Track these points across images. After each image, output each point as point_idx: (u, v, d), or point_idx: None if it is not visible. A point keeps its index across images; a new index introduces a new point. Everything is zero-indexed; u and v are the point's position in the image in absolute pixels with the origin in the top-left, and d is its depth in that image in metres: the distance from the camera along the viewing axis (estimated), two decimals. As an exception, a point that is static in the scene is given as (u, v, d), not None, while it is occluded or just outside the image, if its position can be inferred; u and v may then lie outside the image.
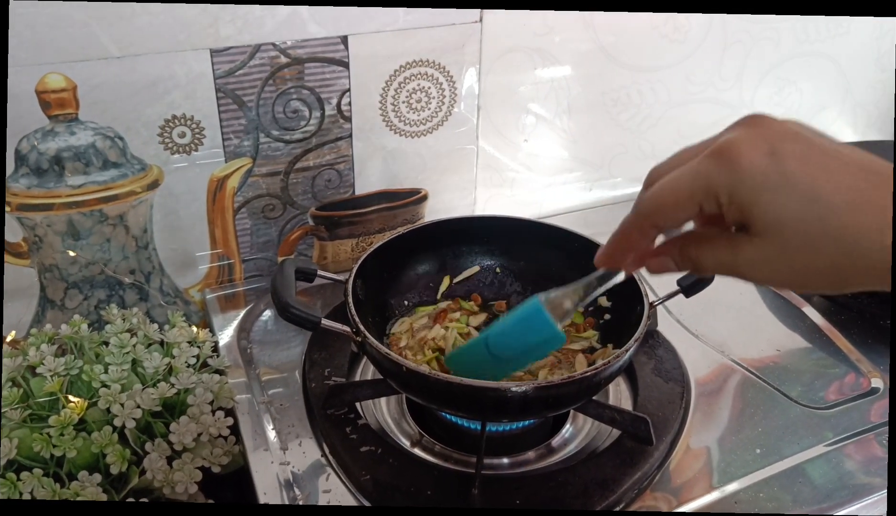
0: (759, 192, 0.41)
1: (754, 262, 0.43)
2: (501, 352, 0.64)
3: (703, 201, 0.43)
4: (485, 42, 0.94)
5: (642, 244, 0.49)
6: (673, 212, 0.45)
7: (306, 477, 0.70)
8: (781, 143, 0.41)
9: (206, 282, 0.96)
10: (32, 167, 0.79)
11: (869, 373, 0.84)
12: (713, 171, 0.42)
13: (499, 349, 0.64)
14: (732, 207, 0.42)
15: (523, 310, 0.62)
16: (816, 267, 0.42)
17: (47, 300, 0.88)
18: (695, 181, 0.43)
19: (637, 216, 0.47)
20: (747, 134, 0.42)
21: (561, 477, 0.68)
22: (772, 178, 0.41)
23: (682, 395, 0.78)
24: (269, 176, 0.92)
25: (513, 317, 0.63)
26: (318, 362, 0.81)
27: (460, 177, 1.04)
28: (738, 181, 0.42)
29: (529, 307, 0.61)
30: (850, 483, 0.71)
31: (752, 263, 0.44)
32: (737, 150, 0.42)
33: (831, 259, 0.41)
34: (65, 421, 0.66)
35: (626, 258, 0.51)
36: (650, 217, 0.47)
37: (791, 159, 0.41)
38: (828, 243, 0.40)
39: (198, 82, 0.82)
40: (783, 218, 0.41)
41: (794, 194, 0.40)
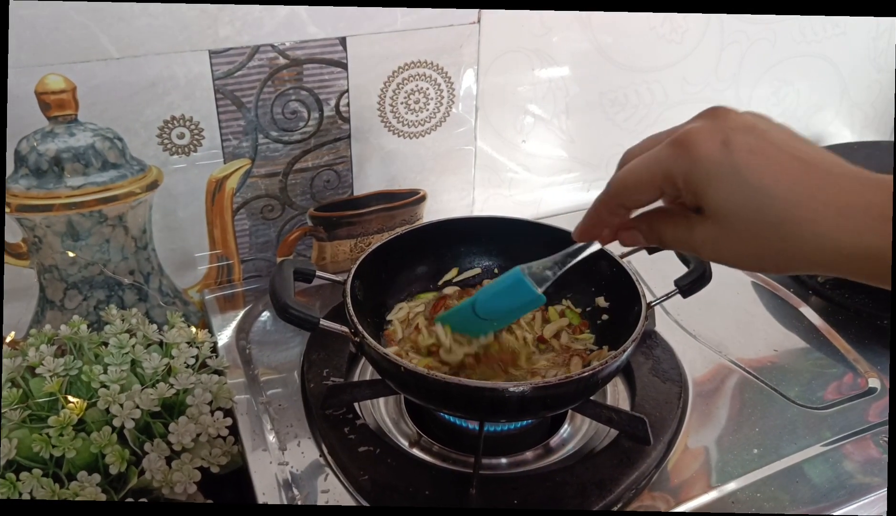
0: (710, 180, 0.45)
1: (705, 241, 0.48)
2: (487, 314, 0.70)
3: (661, 185, 0.48)
4: (483, 43, 0.95)
5: (613, 221, 0.54)
6: (636, 194, 0.50)
7: (305, 478, 0.70)
8: (735, 135, 0.45)
9: (205, 283, 0.97)
10: (32, 168, 0.79)
11: (866, 372, 0.84)
12: (671, 159, 0.47)
13: (485, 312, 0.70)
14: (688, 192, 0.47)
15: (506, 280, 0.67)
16: (759, 251, 0.46)
17: (47, 300, 0.88)
18: (655, 167, 0.48)
19: (606, 196, 0.52)
20: (706, 125, 0.46)
21: (559, 477, 0.68)
22: (722, 168, 0.45)
23: (679, 395, 0.78)
24: (268, 177, 0.92)
25: (497, 285, 0.69)
26: (317, 362, 0.82)
27: (458, 178, 1.05)
28: (692, 169, 0.46)
29: (511, 277, 0.67)
30: (848, 482, 0.71)
31: (704, 242, 0.48)
32: (693, 140, 0.46)
33: (771, 245, 0.45)
34: (64, 421, 0.66)
35: (600, 232, 0.56)
36: (617, 197, 0.52)
37: (741, 151, 0.44)
38: (768, 230, 0.44)
39: (197, 83, 0.82)
40: (729, 204, 0.45)
41: (741, 184, 0.44)
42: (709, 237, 0.47)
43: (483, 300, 0.70)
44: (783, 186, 0.43)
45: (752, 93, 1.16)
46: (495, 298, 0.69)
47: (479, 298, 0.70)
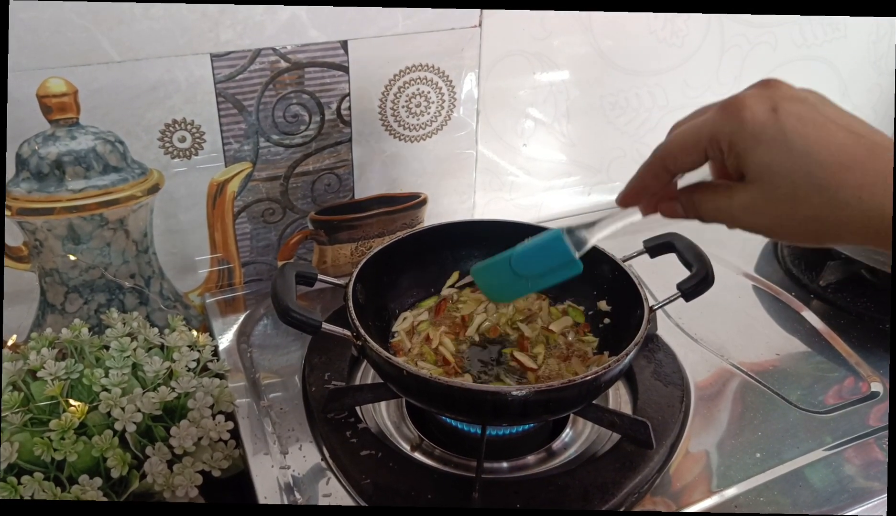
0: (756, 142, 0.46)
1: (746, 207, 0.48)
2: (523, 270, 0.67)
3: (707, 147, 0.49)
4: (484, 46, 0.95)
5: (656, 186, 0.54)
6: (681, 156, 0.51)
7: (306, 481, 0.70)
8: (784, 103, 0.46)
9: (205, 286, 0.97)
10: (33, 171, 0.79)
11: (868, 376, 0.84)
12: (718, 121, 0.48)
13: (521, 267, 0.67)
14: (732, 154, 0.47)
15: (546, 237, 0.65)
16: (799, 215, 0.46)
17: (48, 304, 0.88)
18: (702, 129, 0.49)
19: (653, 159, 0.53)
20: (757, 92, 0.47)
21: (561, 481, 0.68)
22: (768, 131, 0.46)
23: (681, 399, 0.78)
24: (269, 180, 0.92)
25: (536, 241, 0.66)
26: (318, 366, 0.81)
27: (459, 182, 1.05)
28: (738, 130, 0.47)
29: (551, 234, 0.64)
30: (850, 487, 0.71)
31: (744, 208, 0.48)
32: (742, 104, 0.47)
33: (813, 209, 0.45)
34: (65, 424, 0.66)
35: (642, 199, 0.56)
36: (663, 160, 0.52)
37: (790, 117, 0.45)
38: (811, 193, 0.45)
39: (198, 87, 0.82)
40: (774, 167, 0.46)
41: (787, 148, 0.45)
42: (749, 202, 0.48)
43: (519, 253, 0.67)
44: (831, 152, 0.44)
45: (752, 96, 1.17)
46: (532, 253, 0.67)
47: (515, 251, 0.68)
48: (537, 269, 0.67)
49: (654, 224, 0.92)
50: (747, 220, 0.49)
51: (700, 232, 1.00)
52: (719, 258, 1.00)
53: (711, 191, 0.51)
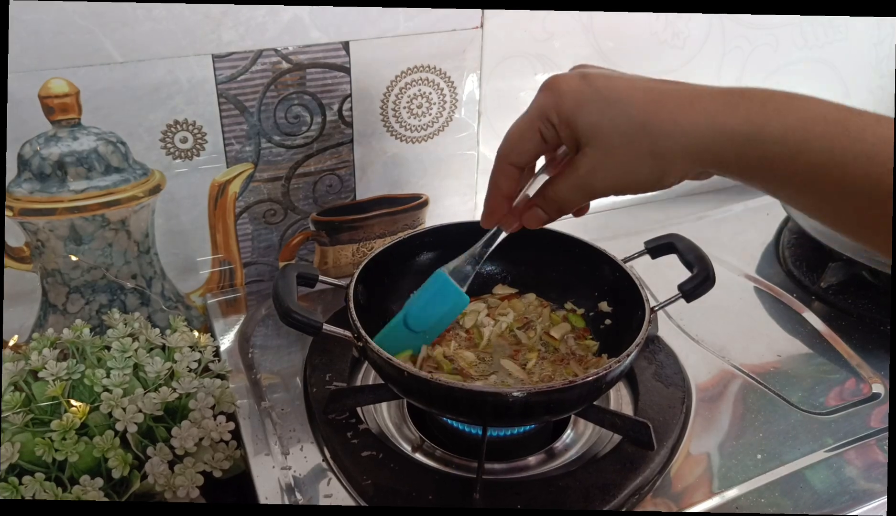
0: (578, 107, 0.52)
1: (591, 170, 0.53)
2: (419, 326, 0.73)
3: (540, 127, 0.55)
4: (485, 48, 0.95)
5: (509, 188, 0.60)
6: (520, 144, 0.57)
7: (307, 482, 0.70)
8: (591, 71, 0.54)
9: (207, 287, 0.97)
10: (35, 172, 0.80)
11: (870, 378, 0.84)
12: (542, 100, 0.55)
13: (417, 325, 0.73)
14: (562, 124, 0.53)
15: (432, 285, 0.71)
16: (636, 160, 0.51)
17: (49, 304, 0.88)
18: (531, 113, 0.55)
19: (497, 161, 0.59)
20: (566, 73, 0.55)
21: (562, 482, 0.68)
22: (585, 94, 0.52)
23: (682, 400, 0.78)
24: (271, 181, 0.92)
25: (425, 293, 0.72)
26: (319, 367, 0.81)
27: (461, 183, 1.05)
28: (561, 101, 0.53)
29: (436, 280, 0.71)
30: (851, 488, 0.71)
31: (590, 172, 0.54)
32: (557, 80, 0.54)
33: (644, 149, 0.51)
34: (67, 425, 0.66)
35: (504, 211, 0.62)
36: (506, 157, 0.58)
37: (598, 79, 0.53)
38: (637, 135, 0.50)
39: (200, 88, 0.83)
40: (599, 123, 0.52)
41: (604, 102, 0.51)
42: (592, 164, 0.53)
43: (415, 312, 0.72)
44: (640, 96, 0.51)
45: (754, 98, 1.17)
46: (426, 307, 0.72)
47: (410, 311, 0.72)
48: (433, 319, 0.73)
49: (656, 225, 0.92)
50: (599, 184, 0.54)
51: (701, 233, 1.01)
52: (720, 259, 1.00)
53: (559, 178, 0.56)
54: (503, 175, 0.59)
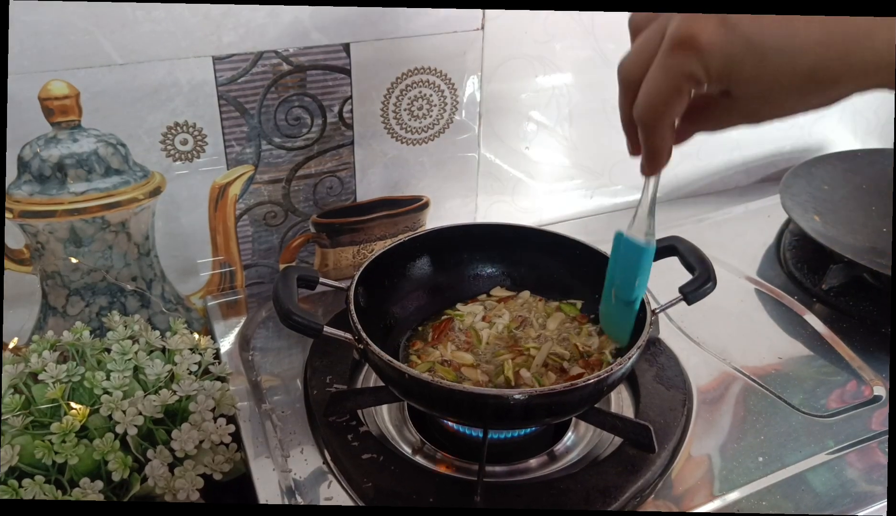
0: (731, 63, 0.45)
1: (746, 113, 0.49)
2: (626, 294, 0.68)
3: (689, 90, 0.47)
4: (486, 50, 0.95)
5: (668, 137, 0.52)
6: (671, 110, 0.49)
7: (308, 485, 0.70)
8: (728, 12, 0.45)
9: (207, 289, 0.96)
10: (35, 174, 0.79)
11: (871, 380, 0.84)
12: (683, 63, 0.46)
13: (624, 293, 0.69)
14: (714, 83, 0.46)
15: (615, 250, 0.68)
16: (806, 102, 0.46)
17: (49, 307, 0.88)
18: (673, 79, 0.47)
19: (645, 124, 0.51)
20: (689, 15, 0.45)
21: (563, 485, 0.68)
22: (735, 47, 0.44)
23: (683, 403, 0.78)
24: (271, 183, 0.92)
25: (613, 262, 0.69)
26: (320, 369, 0.81)
27: (461, 185, 1.05)
28: (708, 60, 0.45)
29: (616, 241, 0.67)
30: (853, 491, 0.71)
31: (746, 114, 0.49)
32: (692, 35, 0.45)
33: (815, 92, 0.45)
34: (66, 427, 0.66)
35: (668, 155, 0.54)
36: (657, 120, 0.50)
37: (743, 22, 0.44)
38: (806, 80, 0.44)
39: (200, 89, 0.82)
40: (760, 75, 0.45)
41: (760, 52, 0.44)
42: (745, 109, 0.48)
43: (618, 284, 0.69)
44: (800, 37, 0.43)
45: (754, 100, 1.16)
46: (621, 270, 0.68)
47: (615, 285, 0.69)
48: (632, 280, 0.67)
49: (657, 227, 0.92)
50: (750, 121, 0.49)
51: (702, 235, 1.01)
52: (721, 262, 1.00)
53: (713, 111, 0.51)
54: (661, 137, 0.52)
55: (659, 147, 0.53)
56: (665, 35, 0.47)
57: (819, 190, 1.09)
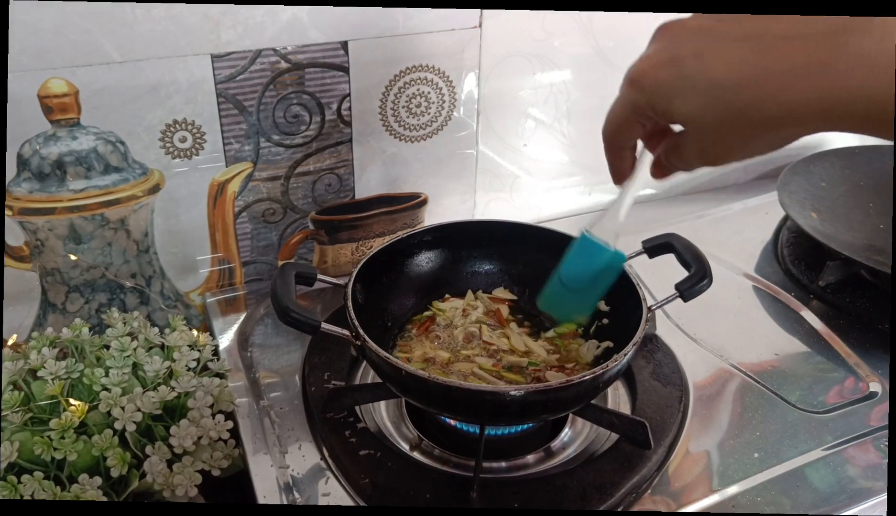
0: (670, 100, 0.48)
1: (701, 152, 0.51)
2: (575, 284, 0.69)
3: (637, 119, 0.52)
4: (484, 47, 0.95)
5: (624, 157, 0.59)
6: (623, 135, 0.56)
7: (306, 481, 0.70)
8: (679, 48, 0.48)
9: (206, 286, 0.97)
10: (34, 171, 0.80)
11: (867, 377, 0.84)
12: (632, 98, 0.51)
13: (572, 282, 0.69)
14: (660, 117, 0.50)
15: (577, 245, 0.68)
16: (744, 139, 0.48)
17: (49, 304, 0.88)
18: (624, 109, 0.53)
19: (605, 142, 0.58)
20: (652, 51, 0.50)
21: (559, 481, 0.68)
22: (675, 85, 0.48)
23: (680, 399, 0.78)
24: (270, 180, 0.92)
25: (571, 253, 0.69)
26: (318, 366, 0.82)
27: (460, 182, 1.05)
28: (650, 98, 0.49)
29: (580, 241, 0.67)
30: (849, 487, 0.71)
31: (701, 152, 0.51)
32: (641, 73, 0.50)
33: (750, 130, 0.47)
34: (65, 424, 0.67)
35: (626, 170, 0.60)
36: (612, 141, 0.57)
37: (687, 60, 0.47)
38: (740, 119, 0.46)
39: (199, 87, 0.83)
40: (696, 112, 0.48)
41: (697, 90, 0.47)
42: (697, 147, 0.51)
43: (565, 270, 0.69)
44: (735, 73, 0.45)
45: (753, 97, 1.16)
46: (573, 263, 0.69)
47: (562, 270, 0.70)
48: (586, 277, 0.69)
49: (654, 224, 0.93)
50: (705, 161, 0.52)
51: (699, 232, 1.01)
52: (719, 258, 1.01)
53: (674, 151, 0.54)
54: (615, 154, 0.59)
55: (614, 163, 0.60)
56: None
57: (817, 187, 1.09)
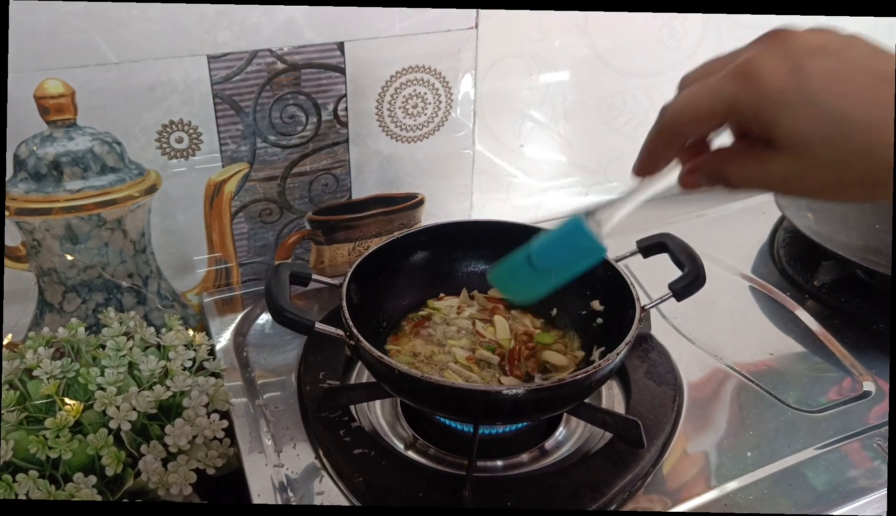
0: (782, 111, 0.42)
1: (784, 177, 0.44)
2: (544, 263, 0.63)
3: (724, 116, 0.45)
4: (480, 48, 0.95)
5: (670, 153, 0.50)
6: (694, 125, 0.46)
7: (300, 480, 0.71)
8: (805, 60, 0.41)
9: (203, 286, 0.97)
10: (31, 172, 0.80)
11: (861, 376, 0.84)
12: (734, 91, 0.43)
13: (542, 261, 0.62)
14: (756, 123, 0.43)
15: (565, 226, 0.60)
16: (846, 179, 0.42)
17: (45, 303, 0.89)
18: (715, 99, 0.44)
19: (661, 126, 0.48)
20: (770, 51, 0.43)
21: (552, 480, 0.68)
22: (794, 97, 0.41)
23: (674, 398, 0.78)
24: (267, 180, 0.92)
25: (555, 232, 0.61)
26: (313, 365, 0.82)
27: (456, 182, 1.05)
28: (760, 100, 0.42)
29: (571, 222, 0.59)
30: (842, 486, 0.71)
31: (783, 178, 0.44)
32: (757, 69, 0.42)
33: (860, 173, 0.41)
34: (61, 423, 0.67)
35: (659, 167, 0.51)
36: (673, 129, 0.47)
37: (815, 78, 0.41)
38: (856, 159, 0.41)
39: (195, 88, 0.83)
40: (808, 136, 0.41)
41: (818, 113, 0.41)
42: (787, 172, 0.44)
43: (539, 247, 0.62)
44: (865, 110, 0.40)
45: (750, 97, 1.16)
46: (552, 244, 0.62)
47: (534, 246, 0.63)
48: (559, 261, 0.62)
49: (650, 223, 0.93)
50: (788, 188, 0.45)
51: (696, 232, 1.01)
52: (715, 258, 1.01)
53: (740, 160, 0.47)
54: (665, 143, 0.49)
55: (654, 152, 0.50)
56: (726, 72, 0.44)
57: (813, 187, 1.09)
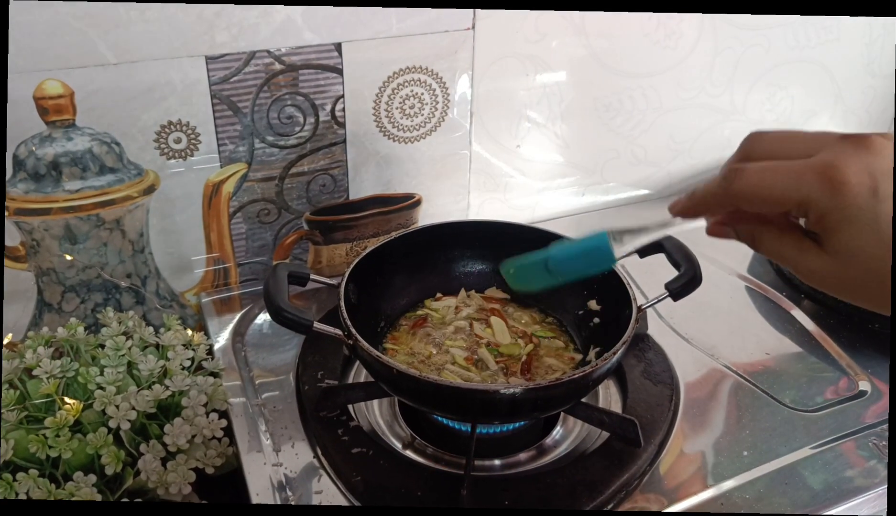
0: (848, 225, 0.43)
1: (816, 272, 0.46)
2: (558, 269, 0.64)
3: (793, 208, 0.45)
4: (477, 48, 0.95)
5: (719, 212, 0.51)
6: (761, 206, 0.46)
7: (298, 479, 0.71)
8: (884, 182, 0.42)
9: (201, 286, 0.97)
10: (30, 172, 0.80)
11: (857, 376, 0.85)
12: (813, 189, 0.43)
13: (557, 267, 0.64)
14: (818, 225, 0.44)
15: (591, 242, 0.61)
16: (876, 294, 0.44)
17: (44, 303, 0.89)
18: (792, 191, 0.44)
19: (725, 192, 0.48)
20: (857, 159, 0.43)
21: (549, 479, 0.69)
22: (866, 216, 0.42)
23: (671, 398, 0.79)
24: (265, 181, 0.93)
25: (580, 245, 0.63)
26: (312, 365, 0.82)
27: (454, 182, 1.05)
28: (835, 209, 0.43)
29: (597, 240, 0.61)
30: (837, 485, 0.71)
31: (814, 272, 0.46)
32: (843, 178, 0.42)
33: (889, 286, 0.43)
34: (60, 422, 0.67)
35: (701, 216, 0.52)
36: (737, 200, 0.47)
37: (887, 201, 0.42)
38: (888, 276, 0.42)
39: (193, 88, 0.83)
40: (861, 250, 0.43)
41: (879, 236, 0.42)
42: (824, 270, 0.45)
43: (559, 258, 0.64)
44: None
45: (746, 98, 1.17)
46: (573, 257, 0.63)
47: (554, 255, 0.64)
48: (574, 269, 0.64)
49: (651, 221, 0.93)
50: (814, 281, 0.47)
51: (694, 231, 1.01)
52: (712, 259, 1.01)
53: (777, 236, 0.48)
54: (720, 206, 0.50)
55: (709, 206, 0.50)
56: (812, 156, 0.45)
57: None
